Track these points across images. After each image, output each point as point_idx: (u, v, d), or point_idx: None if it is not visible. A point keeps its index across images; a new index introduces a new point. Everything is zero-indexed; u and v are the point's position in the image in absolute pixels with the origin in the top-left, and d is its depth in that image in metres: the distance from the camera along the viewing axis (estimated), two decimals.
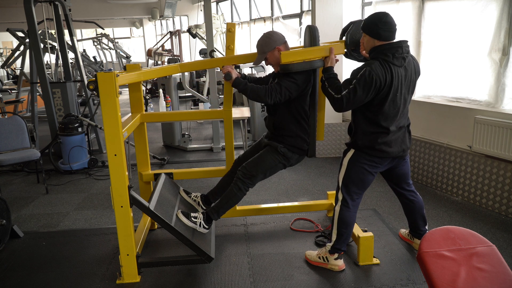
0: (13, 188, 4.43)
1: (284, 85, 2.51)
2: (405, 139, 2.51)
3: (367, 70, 2.25)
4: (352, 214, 2.56)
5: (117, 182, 2.35)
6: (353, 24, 2.61)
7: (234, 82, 2.59)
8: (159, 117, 3.57)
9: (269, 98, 2.50)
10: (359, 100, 2.30)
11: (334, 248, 2.61)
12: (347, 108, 2.34)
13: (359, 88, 2.26)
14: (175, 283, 2.56)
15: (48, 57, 10.60)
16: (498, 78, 3.33)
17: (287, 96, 2.53)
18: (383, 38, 2.30)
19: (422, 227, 2.81)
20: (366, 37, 2.37)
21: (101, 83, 2.22)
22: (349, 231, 2.59)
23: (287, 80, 2.52)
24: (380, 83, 2.26)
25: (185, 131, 6.30)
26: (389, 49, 2.29)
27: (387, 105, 2.34)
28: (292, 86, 2.52)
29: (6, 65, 10.06)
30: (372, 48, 2.35)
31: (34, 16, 5.06)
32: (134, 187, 2.43)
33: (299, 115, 2.66)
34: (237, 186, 2.65)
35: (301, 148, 2.71)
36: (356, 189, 2.54)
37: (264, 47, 2.64)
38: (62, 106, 5.47)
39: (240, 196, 2.67)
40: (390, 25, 2.30)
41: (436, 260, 1.68)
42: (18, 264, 2.84)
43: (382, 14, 2.32)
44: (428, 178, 4.04)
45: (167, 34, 12.45)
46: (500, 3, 3.24)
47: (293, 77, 2.52)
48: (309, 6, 6.22)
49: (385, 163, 2.52)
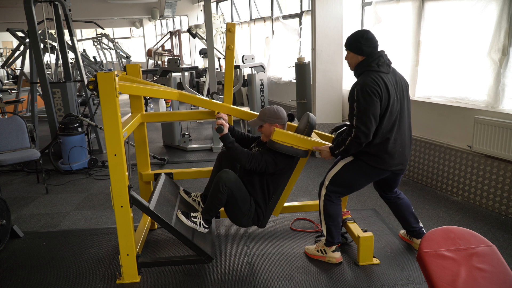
0: (13, 188, 4.43)
1: (265, 158, 2.58)
2: (404, 152, 2.53)
3: (357, 89, 2.34)
4: (336, 206, 2.63)
5: (117, 182, 2.35)
6: (347, 126, 2.63)
7: (223, 136, 2.63)
8: (159, 117, 3.57)
9: (248, 164, 2.57)
10: (372, 115, 2.32)
11: (328, 242, 2.68)
12: (370, 128, 2.34)
13: (362, 106, 2.31)
14: (175, 283, 2.56)
15: (48, 57, 10.59)
16: (498, 78, 3.33)
17: (263, 169, 2.59)
18: (366, 53, 2.43)
19: (414, 224, 2.83)
20: (350, 54, 2.50)
21: (101, 83, 2.22)
22: (336, 223, 2.65)
23: (269, 156, 2.59)
24: (376, 90, 2.31)
25: (185, 131, 6.30)
26: (372, 60, 2.41)
27: (388, 114, 2.38)
28: (271, 162, 2.58)
29: (6, 65, 10.07)
30: (357, 64, 2.47)
31: (34, 16, 5.07)
32: (134, 187, 2.43)
33: (268, 189, 2.69)
34: (218, 187, 2.54)
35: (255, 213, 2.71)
36: (342, 191, 2.64)
37: (268, 117, 2.69)
38: (62, 106, 5.47)
39: (222, 198, 2.56)
40: (371, 41, 2.43)
41: (436, 260, 1.68)
42: (18, 264, 2.84)
43: (364, 31, 2.47)
44: (428, 178, 4.04)
45: (167, 34, 12.46)
46: (499, 3, 3.24)
47: (276, 156, 2.58)
48: (309, 6, 6.22)
49: (381, 176, 2.57)
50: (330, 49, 4.83)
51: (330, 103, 5.24)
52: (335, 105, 5.10)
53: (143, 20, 17.37)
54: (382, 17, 4.37)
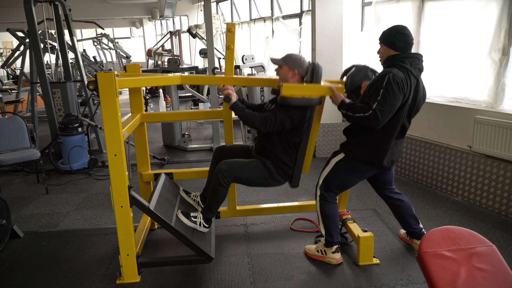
0: (13, 188, 4.43)
1: (279, 117, 2.53)
2: (396, 152, 2.55)
3: (390, 76, 2.26)
4: (332, 205, 2.64)
5: (117, 182, 2.35)
6: (355, 67, 2.65)
7: (232, 105, 2.59)
8: (159, 117, 3.57)
9: (263, 127, 2.53)
10: (392, 107, 2.29)
11: (328, 241, 2.68)
12: (384, 119, 2.30)
13: (388, 95, 2.26)
14: (175, 283, 2.56)
15: (48, 57, 10.60)
16: (498, 78, 3.33)
17: (280, 128, 2.55)
18: (399, 48, 2.37)
19: (414, 225, 2.83)
20: (382, 47, 2.45)
21: (101, 83, 2.22)
22: (333, 222, 2.66)
23: (283, 113, 2.54)
24: (404, 86, 2.29)
25: (185, 131, 6.30)
26: (407, 57, 2.36)
27: (397, 115, 2.36)
28: (286, 119, 2.54)
29: (6, 65, 10.06)
30: (388, 57, 2.41)
31: (34, 16, 5.06)
32: (134, 187, 2.43)
33: (289, 145, 2.67)
34: (219, 182, 2.58)
35: (286, 173, 2.73)
36: (336, 190, 2.64)
37: (291, 61, 2.62)
38: (62, 106, 5.47)
39: (224, 190, 2.61)
40: (407, 37, 2.38)
41: (436, 260, 1.68)
42: (18, 264, 2.84)
43: (401, 27, 2.40)
44: (428, 178, 4.04)
45: (167, 34, 12.46)
46: (500, 3, 3.24)
47: (290, 111, 2.53)
48: (309, 6, 6.22)
49: (371, 173, 2.59)
50: (330, 49, 4.82)
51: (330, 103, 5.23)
52: (334, 105, 5.09)
53: (143, 20, 17.38)
54: (382, 17, 4.36)
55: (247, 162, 2.68)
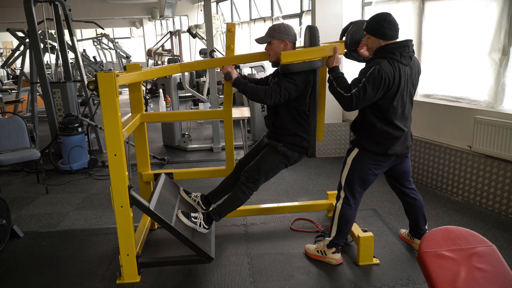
0: (13, 188, 4.43)
1: (283, 86, 2.50)
2: (408, 137, 2.54)
3: (376, 69, 2.27)
4: (353, 211, 2.61)
5: (117, 182, 2.35)
6: (353, 24, 2.61)
7: (234, 82, 2.59)
8: (159, 117, 3.57)
9: (268, 99, 2.50)
10: (369, 98, 2.31)
11: (332, 243, 2.67)
12: (357, 106, 2.35)
13: (368, 86, 2.27)
14: (175, 283, 2.56)
15: (48, 57, 10.59)
16: (498, 78, 3.33)
17: (286, 97, 2.53)
18: (389, 37, 2.34)
19: (422, 226, 2.82)
20: (371, 38, 2.38)
21: (101, 83, 2.22)
22: (349, 227, 2.65)
23: (286, 81, 2.51)
24: (389, 81, 2.28)
25: (185, 131, 6.30)
26: (397, 48, 2.33)
27: (394, 103, 2.37)
28: (291, 87, 2.51)
29: (6, 65, 10.07)
30: (379, 48, 2.37)
31: (34, 16, 5.06)
32: (134, 187, 2.43)
33: (299, 115, 2.66)
34: (241, 190, 2.67)
35: (301, 146, 2.72)
36: (359, 188, 2.58)
37: (277, 33, 2.59)
38: (62, 106, 5.47)
39: (244, 199, 2.69)
40: (394, 24, 2.34)
41: (436, 260, 1.68)
42: (18, 264, 2.84)
43: (386, 14, 2.35)
44: (428, 178, 4.04)
45: (167, 34, 12.45)
46: (500, 3, 3.24)
47: (293, 77, 2.51)
48: (309, 6, 6.22)
49: (389, 162, 2.55)
50: None
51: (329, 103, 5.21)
52: (334, 105, 5.07)
53: (143, 20, 17.37)
54: None
55: (259, 158, 2.69)
